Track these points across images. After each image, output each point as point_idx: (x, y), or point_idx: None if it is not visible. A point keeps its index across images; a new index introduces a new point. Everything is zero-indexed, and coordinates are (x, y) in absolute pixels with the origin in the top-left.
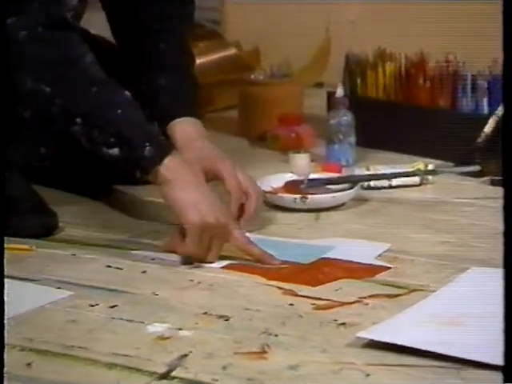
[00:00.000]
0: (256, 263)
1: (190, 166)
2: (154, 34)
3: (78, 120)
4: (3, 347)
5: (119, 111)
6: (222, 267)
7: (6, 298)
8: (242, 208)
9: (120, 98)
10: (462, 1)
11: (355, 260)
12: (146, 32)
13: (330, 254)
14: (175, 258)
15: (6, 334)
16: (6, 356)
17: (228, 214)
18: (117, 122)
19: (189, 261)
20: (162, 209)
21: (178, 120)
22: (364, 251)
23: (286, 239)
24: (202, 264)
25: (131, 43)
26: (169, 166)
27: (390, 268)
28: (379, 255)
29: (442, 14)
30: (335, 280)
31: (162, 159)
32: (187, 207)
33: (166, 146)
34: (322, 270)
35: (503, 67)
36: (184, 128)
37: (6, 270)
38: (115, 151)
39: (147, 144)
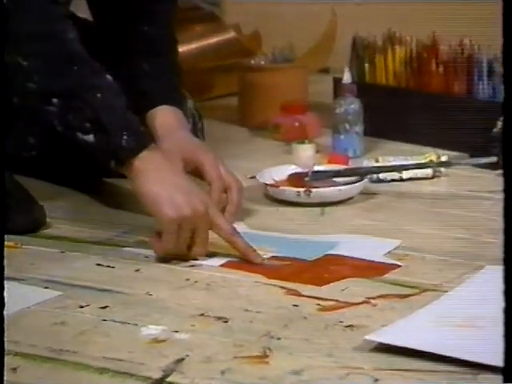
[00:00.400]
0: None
1: (168, 157)
2: (138, 17)
3: (54, 100)
4: (3, 348)
5: (98, 95)
6: (221, 265)
7: None
8: (225, 201)
9: (101, 80)
10: None
11: (363, 257)
12: (129, 15)
13: (336, 251)
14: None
15: (5, 333)
16: None
17: (209, 203)
18: (95, 106)
19: (169, 258)
20: None
21: (158, 108)
22: (372, 248)
23: (288, 235)
24: (200, 262)
25: (112, 26)
26: (144, 158)
27: (400, 266)
28: (389, 252)
29: None
30: (342, 279)
31: (139, 151)
32: (160, 201)
33: (145, 137)
34: (327, 268)
35: (503, 64)
36: (165, 117)
37: None
38: (90, 138)
39: (125, 133)
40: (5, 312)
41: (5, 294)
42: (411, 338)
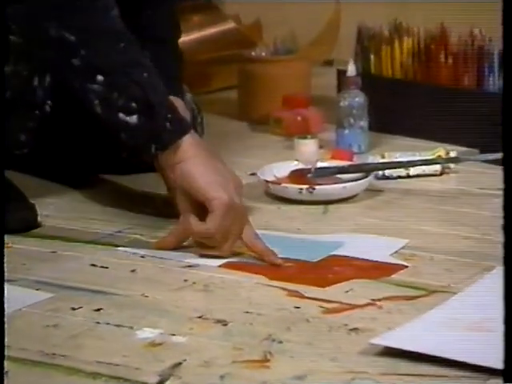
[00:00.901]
0: (257, 261)
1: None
2: (138, 2)
3: (99, 77)
4: (3, 348)
5: (145, 74)
6: (220, 266)
7: None
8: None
9: (146, 61)
10: None
11: (368, 257)
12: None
13: (340, 251)
14: (167, 255)
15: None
16: None
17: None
18: (142, 84)
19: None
20: (153, 200)
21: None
22: (378, 248)
23: (290, 234)
24: (198, 262)
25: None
26: (188, 142)
27: (407, 267)
28: (395, 252)
29: None
30: (347, 280)
31: (182, 134)
32: (214, 183)
33: (187, 122)
34: (331, 269)
35: (503, 61)
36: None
37: None
38: (133, 119)
39: (169, 116)
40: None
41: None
42: (418, 341)
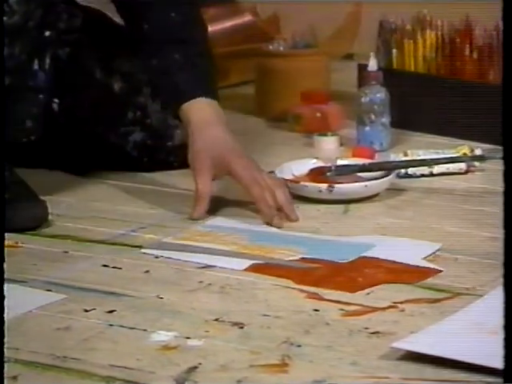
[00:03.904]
0: (284, 263)
1: (197, 159)
2: (163, 3)
3: None
4: (3, 348)
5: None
6: (245, 269)
7: None
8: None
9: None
10: None
11: (400, 260)
12: (155, 2)
13: (371, 253)
14: (182, 256)
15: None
16: None
17: None
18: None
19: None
20: (165, 197)
21: (194, 100)
22: (410, 251)
23: (314, 235)
24: (221, 265)
25: (137, 14)
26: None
27: (441, 271)
28: (429, 255)
29: None
30: (378, 284)
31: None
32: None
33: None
34: (361, 272)
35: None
36: (199, 110)
37: None
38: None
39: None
40: (5, 316)
41: (4, 297)
42: (442, 345)
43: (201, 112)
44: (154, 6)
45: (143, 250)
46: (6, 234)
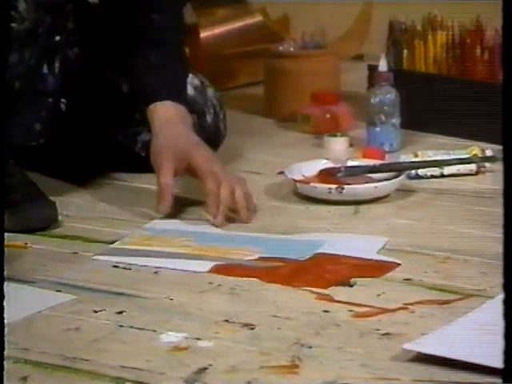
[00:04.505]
0: (248, 263)
1: (160, 154)
2: (148, 4)
3: None
4: (3, 349)
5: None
6: (209, 271)
7: None
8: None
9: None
10: None
11: (358, 255)
12: (139, 2)
13: (324, 249)
14: (139, 261)
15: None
16: None
17: None
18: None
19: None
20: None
21: (160, 102)
22: (361, 246)
23: (270, 235)
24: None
25: (121, 12)
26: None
27: (400, 264)
28: (382, 249)
29: None
30: (346, 279)
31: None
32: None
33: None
34: (324, 268)
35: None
36: (164, 111)
37: None
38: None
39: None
40: (14, 317)
41: (4, 297)
42: (453, 347)
43: (165, 113)
44: (139, 6)
45: (95, 257)
46: (15, 235)
